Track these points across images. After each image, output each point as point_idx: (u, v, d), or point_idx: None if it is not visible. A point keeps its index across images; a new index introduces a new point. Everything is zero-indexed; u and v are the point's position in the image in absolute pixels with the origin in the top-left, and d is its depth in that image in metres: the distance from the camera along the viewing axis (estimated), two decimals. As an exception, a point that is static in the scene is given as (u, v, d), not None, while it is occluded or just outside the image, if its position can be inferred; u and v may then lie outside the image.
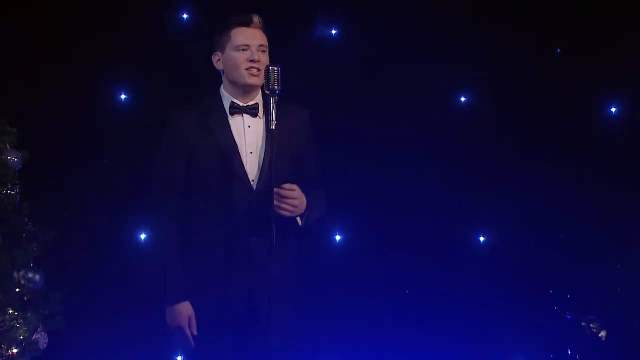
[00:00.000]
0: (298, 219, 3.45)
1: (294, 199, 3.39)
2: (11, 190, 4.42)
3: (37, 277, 4.37)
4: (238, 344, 3.40)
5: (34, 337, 4.35)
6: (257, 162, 3.47)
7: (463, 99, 5.42)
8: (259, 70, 3.48)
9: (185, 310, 3.44)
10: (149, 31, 5.28)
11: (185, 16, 5.37)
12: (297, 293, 3.57)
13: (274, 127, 3.31)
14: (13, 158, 4.45)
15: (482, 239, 5.38)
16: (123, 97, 5.34)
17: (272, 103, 3.33)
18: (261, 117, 3.53)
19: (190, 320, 3.44)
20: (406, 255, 5.29)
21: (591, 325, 5.10)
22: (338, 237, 5.34)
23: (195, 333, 3.44)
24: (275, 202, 3.36)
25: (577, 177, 5.25)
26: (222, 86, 3.60)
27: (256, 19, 3.56)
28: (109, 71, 5.26)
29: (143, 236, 5.19)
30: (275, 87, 3.34)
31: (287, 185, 3.39)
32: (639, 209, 5.15)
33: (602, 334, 5.09)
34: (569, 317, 5.16)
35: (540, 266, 5.26)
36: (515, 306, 5.22)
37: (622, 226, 5.18)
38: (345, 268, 5.27)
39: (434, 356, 5.25)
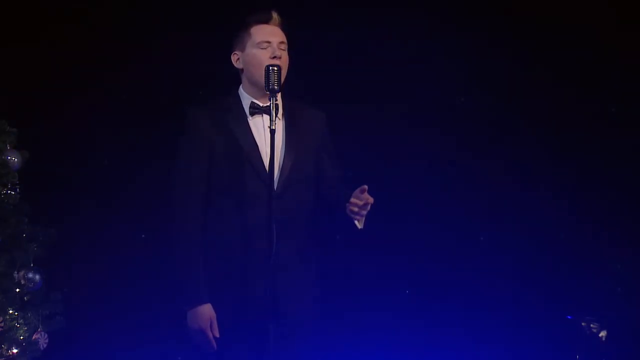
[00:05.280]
0: (357, 222, 3.38)
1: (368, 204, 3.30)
2: (11, 190, 4.43)
3: (37, 277, 4.38)
4: (259, 346, 3.33)
5: (34, 337, 4.35)
6: (278, 162, 3.44)
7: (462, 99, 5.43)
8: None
9: (206, 312, 3.39)
10: (151, 31, 5.28)
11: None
12: (317, 295, 3.53)
13: (273, 127, 3.30)
14: (13, 158, 4.46)
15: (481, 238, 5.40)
16: (124, 96, 5.34)
17: (272, 103, 3.32)
18: (281, 117, 3.52)
19: (211, 322, 3.39)
20: (407, 255, 5.30)
21: (591, 325, 5.10)
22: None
23: (217, 335, 3.39)
24: (354, 206, 3.28)
25: (576, 177, 5.25)
26: (241, 86, 3.57)
27: (275, 15, 3.54)
28: (109, 71, 5.26)
29: (143, 236, 5.20)
30: (275, 87, 3.33)
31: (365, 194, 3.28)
32: (638, 208, 5.15)
33: (602, 334, 5.08)
34: (569, 317, 5.16)
35: (540, 266, 5.26)
36: (515, 306, 5.22)
37: (622, 226, 5.19)
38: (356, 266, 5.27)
39: (434, 356, 5.25)
